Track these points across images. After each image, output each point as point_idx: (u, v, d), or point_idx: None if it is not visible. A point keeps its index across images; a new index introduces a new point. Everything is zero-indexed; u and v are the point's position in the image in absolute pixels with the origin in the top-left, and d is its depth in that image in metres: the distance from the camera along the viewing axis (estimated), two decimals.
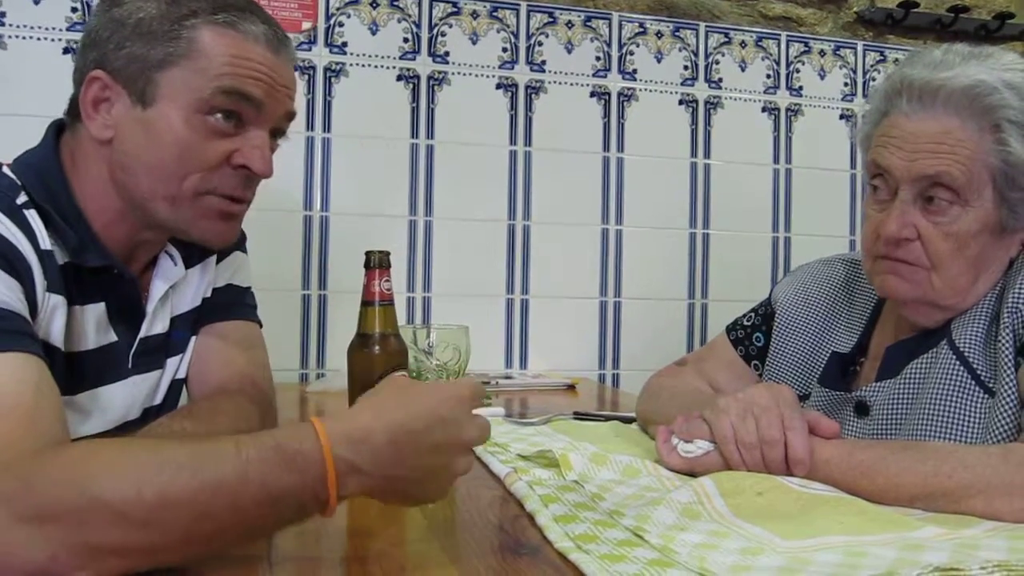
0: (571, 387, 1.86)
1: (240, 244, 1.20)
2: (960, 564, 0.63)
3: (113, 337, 1.00)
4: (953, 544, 0.70)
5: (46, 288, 0.87)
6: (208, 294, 1.14)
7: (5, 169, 0.93)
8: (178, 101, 0.93)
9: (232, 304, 1.16)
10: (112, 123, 0.95)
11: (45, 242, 0.88)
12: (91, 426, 0.98)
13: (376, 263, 0.97)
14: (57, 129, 1.00)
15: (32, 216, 0.88)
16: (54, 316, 0.89)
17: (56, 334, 0.90)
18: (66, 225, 0.92)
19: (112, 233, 0.98)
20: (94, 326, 0.97)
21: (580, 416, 1.34)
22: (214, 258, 1.15)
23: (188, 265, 1.10)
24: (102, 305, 0.98)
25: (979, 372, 0.97)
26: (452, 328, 1.06)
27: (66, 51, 1.85)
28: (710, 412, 0.96)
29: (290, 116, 1.04)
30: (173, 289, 1.08)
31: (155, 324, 1.06)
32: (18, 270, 0.82)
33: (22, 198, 0.89)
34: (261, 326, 1.20)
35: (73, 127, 0.99)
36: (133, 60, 0.93)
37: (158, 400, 1.09)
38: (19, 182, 0.90)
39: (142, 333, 1.04)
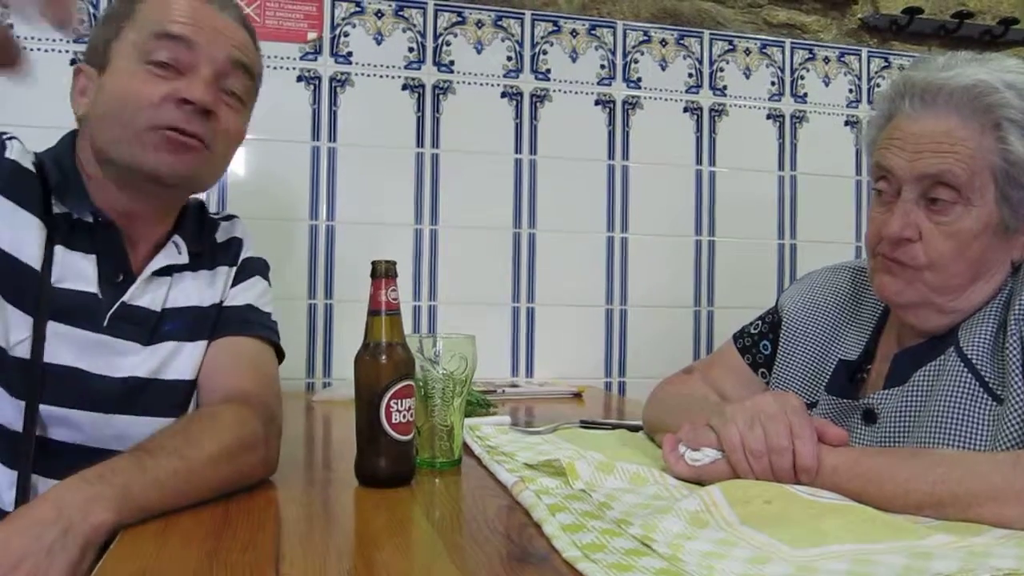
0: (577, 395, 1.86)
1: (263, 271, 1.26)
2: (969, 572, 0.63)
3: (97, 293, 1.08)
4: (962, 552, 0.69)
5: None
6: (218, 300, 1.18)
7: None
8: (124, 59, 1.07)
9: (252, 322, 1.19)
10: (88, 100, 1.09)
11: (13, 155, 1.05)
12: (57, 354, 1.04)
13: (383, 272, 0.97)
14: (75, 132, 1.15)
15: (11, 143, 1.06)
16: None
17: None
18: (60, 175, 1.07)
19: (105, 200, 1.09)
20: (77, 271, 1.07)
21: (587, 425, 1.34)
22: (230, 271, 1.21)
23: (198, 263, 1.17)
24: (93, 258, 1.08)
25: (987, 379, 0.97)
26: (459, 337, 1.06)
27: (73, 62, 1.86)
28: (717, 420, 0.95)
29: (241, 65, 1.12)
30: (174, 278, 1.15)
31: (143, 296, 1.12)
32: None
33: (9, 135, 1.07)
34: (282, 357, 1.23)
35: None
36: (98, 42, 1.10)
37: (141, 372, 1.11)
38: (18, 140, 1.08)
39: (125, 297, 1.10)
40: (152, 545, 0.76)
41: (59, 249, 1.05)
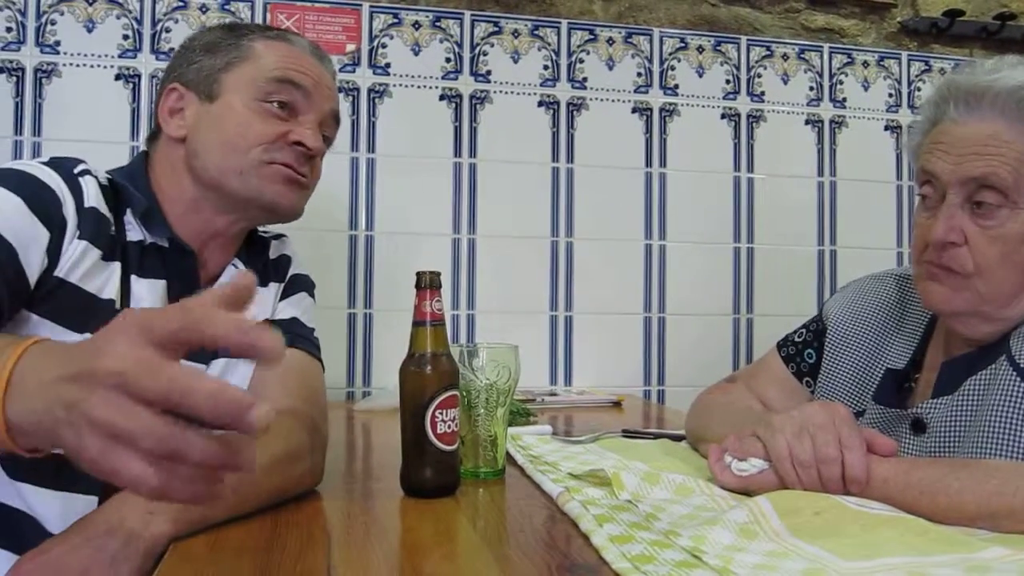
0: (617, 404, 1.86)
1: (309, 289, 1.29)
2: None
3: None
4: (1020, 565, 0.68)
5: (77, 235, 1.00)
6: (268, 315, 1.21)
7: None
8: (239, 93, 1.13)
9: (297, 335, 1.21)
10: (186, 123, 1.14)
11: (91, 201, 1.02)
12: None
13: (427, 283, 0.98)
14: (144, 154, 1.19)
15: (86, 181, 1.03)
16: (82, 260, 1.00)
17: (79, 276, 1.00)
18: (139, 194, 1.09)
19: (186, 223, 1.13)
20: (150, 297, 1.08)
21: (629, 434, 1.34)
22: (279, 287, 1.24)
23: None
24: (163, 283, 1.10)
25: None
26: (502, 347, 1.06)
27: (118, 77, 1.89)
28: (764, 430, 0.95)
29: (335, 117, 1.22)
30: None
31: None
32: (43, 200, 0.96)
33: (81, 168, 1.05)
34: (324, 370, 1.24)
35: (153, 146, 1.18)
36: (202, 70, 1.15)
37: None
38: (91, 167, 1.07)
39: None
40: (204, 558, 0.77)
41: (134, 279, 1.08)
